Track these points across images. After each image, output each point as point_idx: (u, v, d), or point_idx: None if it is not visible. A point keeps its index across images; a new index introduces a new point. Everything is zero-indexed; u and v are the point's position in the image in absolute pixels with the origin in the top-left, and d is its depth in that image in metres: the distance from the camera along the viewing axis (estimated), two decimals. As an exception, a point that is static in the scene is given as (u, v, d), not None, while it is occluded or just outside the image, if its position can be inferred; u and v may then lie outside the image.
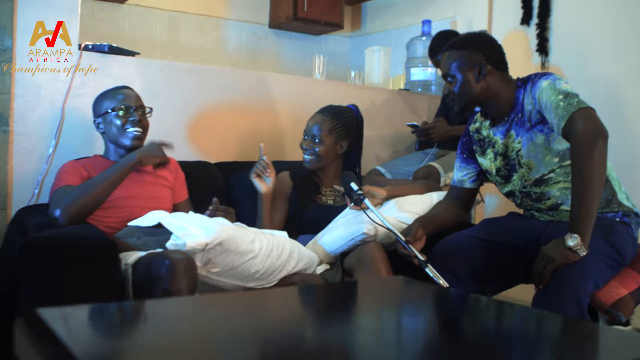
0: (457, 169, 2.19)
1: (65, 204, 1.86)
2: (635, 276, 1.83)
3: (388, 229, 1.95)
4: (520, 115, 1.93)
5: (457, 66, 1.96)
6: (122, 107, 2.08)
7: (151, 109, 2.17)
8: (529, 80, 1.92)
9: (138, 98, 2.15)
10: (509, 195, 2.05)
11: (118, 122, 2.08)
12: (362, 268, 1.95)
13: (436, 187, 2.46)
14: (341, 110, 2.39)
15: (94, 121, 2.15)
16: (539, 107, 1.86)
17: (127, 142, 2.09)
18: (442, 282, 1.79)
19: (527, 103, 1.90)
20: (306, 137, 2.36)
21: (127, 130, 2.08)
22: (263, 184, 2.31)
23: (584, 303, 1.67)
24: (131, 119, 2.08)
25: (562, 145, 1.86)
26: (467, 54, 1.96)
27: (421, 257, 1.86)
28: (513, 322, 1.22)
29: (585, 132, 1.70)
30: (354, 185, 2.05)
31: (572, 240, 1.68)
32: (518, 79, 1.98)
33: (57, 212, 1.84)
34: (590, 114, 1.74)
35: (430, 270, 1.81)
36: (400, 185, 2.37)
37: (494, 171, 2.05)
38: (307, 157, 2.34)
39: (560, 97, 1.79)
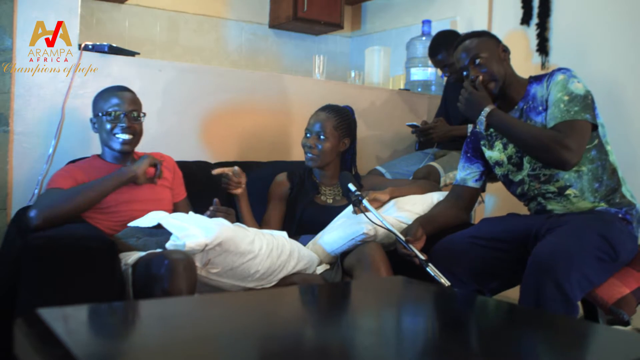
0: (460, 169, 2.20)
1: (42, 206, 1.84)
2: (637, 275, 1.83)
3: (388, 229, 1.95)
4: (531, 102, 1.98)
5: (484, 46, 2.01)
6: (112, 112, 2.05)
7: (144, 113, 2.14)
8: (544, 76, 1.99)
9: (132, 102, 2.10)
10: (519, 184, 2.05)
11: (108, 126, 2.05)
12: (362, 268, 1.95)
13: (436, 187, 2.45)
14: (342, 109, 2.40)
15: (91, 119, 2.14)
16: (547, 96, 1.93)
17: (116, 146, 2.07)
18: (444, 281, 1.78)
19: (540, 92, 1.96)
20: (309, 135, 2.33)
21: (116, 136, 2.05)
22: (236, 190, 2.27)
23: (571, 295, 1.64)
24: (121, 124, 2.05)
25: None
26: (487, 38, 2.04)
27: (422, 257, 1.86)
28: (512, 322, 1.22)
29: (565, 143, 1.81)
30: (351, 187, 2.05)
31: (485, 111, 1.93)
32: (531, 76, 2.04)
33: (33, 213, 1.82)
34: (582, 133, 1.83)
35: (431, 270, 1.81)
36: (401, 186, 2.36)
37: (505, 160, 2.06)
38: (309, 155, 2.32)
39: (566, 98, 1.86)
